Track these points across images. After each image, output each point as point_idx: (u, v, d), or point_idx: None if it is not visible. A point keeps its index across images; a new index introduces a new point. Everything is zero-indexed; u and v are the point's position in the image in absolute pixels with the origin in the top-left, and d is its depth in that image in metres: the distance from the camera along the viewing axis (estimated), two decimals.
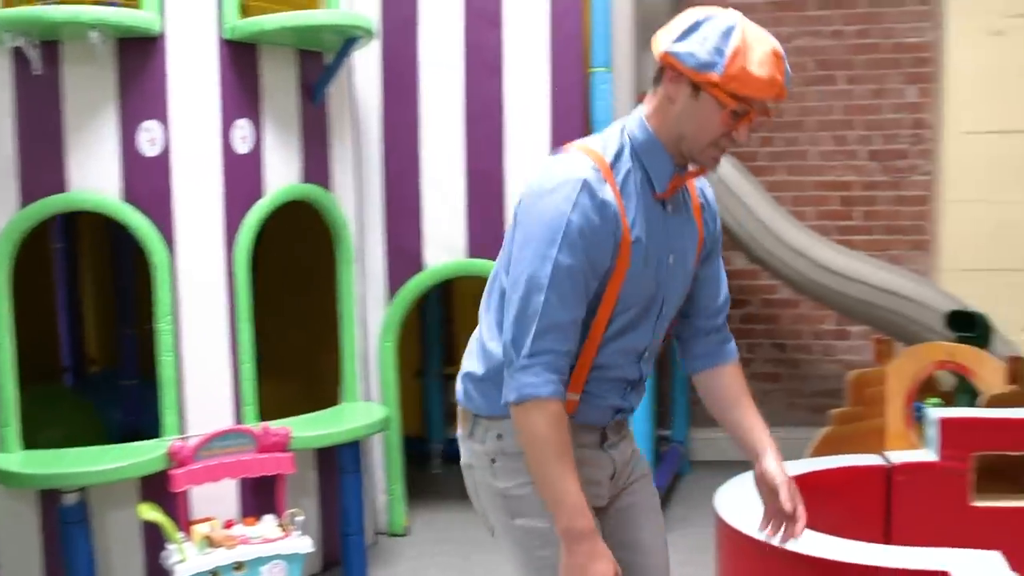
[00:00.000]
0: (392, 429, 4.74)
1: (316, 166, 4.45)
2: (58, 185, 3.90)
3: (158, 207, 3.98)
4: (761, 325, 5.99)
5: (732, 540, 3.32)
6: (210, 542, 3.92)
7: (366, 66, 4.74)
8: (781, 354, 5.99)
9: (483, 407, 2.21)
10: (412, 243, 4.74)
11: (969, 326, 4.49)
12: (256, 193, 4.22)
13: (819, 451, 4.42)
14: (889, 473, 3.80)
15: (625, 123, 2.17)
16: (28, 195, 3.89)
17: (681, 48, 2.03)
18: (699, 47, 2.01)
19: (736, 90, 2.01)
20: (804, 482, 3.27)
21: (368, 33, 4.27)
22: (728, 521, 3.33)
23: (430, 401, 5.92)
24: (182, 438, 4.00)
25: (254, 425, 4.12)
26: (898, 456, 3.87)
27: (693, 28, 2.04)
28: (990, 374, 4.29)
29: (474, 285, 5.24)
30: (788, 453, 5.82)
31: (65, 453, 4.01)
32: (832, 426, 4.47)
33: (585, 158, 2.07)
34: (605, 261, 2.05)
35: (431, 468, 5.76)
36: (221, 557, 3.87)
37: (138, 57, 3.96)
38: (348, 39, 4.28)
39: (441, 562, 4.52)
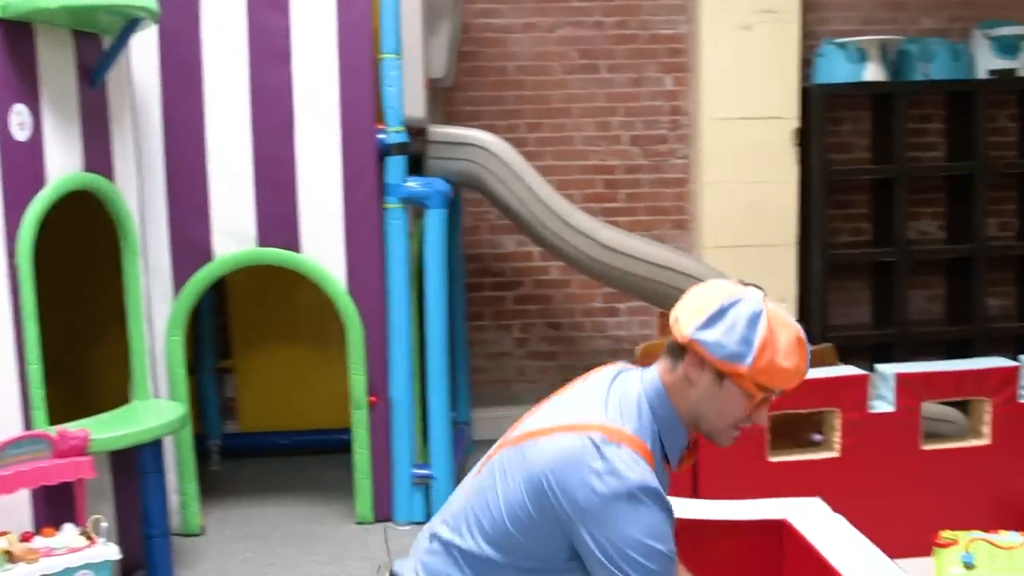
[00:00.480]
0: (185, 427, 4.55)
1: (97, 154, 4.18)
2: None
3: None
4: (535, 305, 6.13)
5: None
6: (10, 557, 3.63)
7: (144, 50, 4.49)
8: (556, 332, 6.15)
9: None
10: (200, 233, 4.54)
11: None
12: (38, 183, 3.92)
13: None
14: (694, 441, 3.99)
15: (643, 395, 2.13)
16: None
17: (708, 337, 2.02)
18: (726, 337, 2.01)
19: (765, 382, 2.03)
20: None
21: (151, 15, 4.05)
22: None
23: (205, 397, 5.69)
24: None
25: (49, 429, 3.84)
26: None
27: (719, 315, 2.02)
28: None
29: (246, 275, 5.11)
30: None
31: None
32: None
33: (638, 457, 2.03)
34: None
35: (210, 465, 5.55)
36: (24, 572, 3.60)
37: None
38: (129, 21, 4.06)
39: (248, 558, 4.37)
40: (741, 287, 2.10)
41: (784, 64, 5.81)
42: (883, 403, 4.09)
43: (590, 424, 2.06)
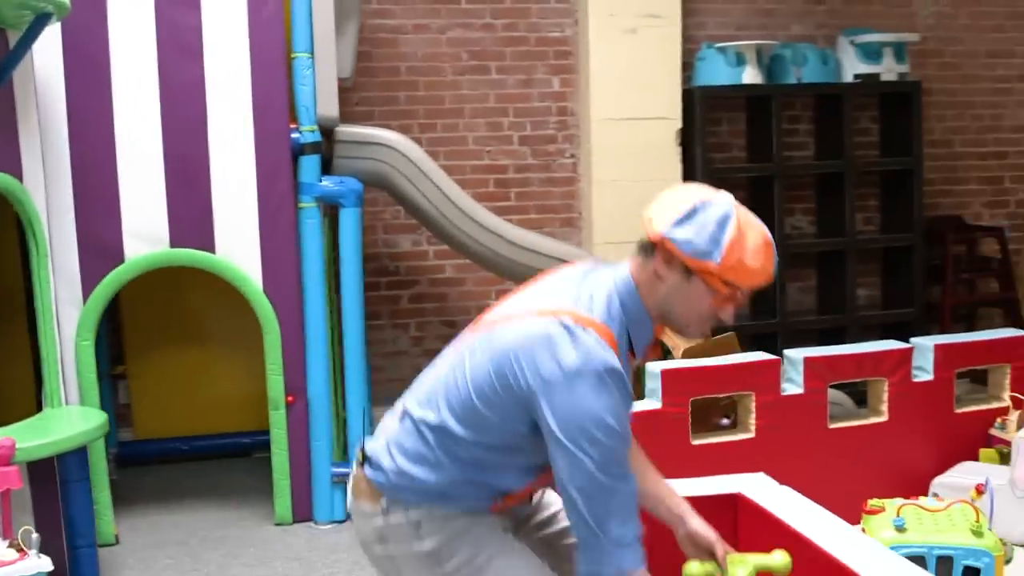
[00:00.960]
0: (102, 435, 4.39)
1: (5, 153, 4.01)
2: None
3: None
4: (431, 304, 6.13)
5: None
6: None
7: (47, 45, 4.30)
8: (451, 330, 6.15)
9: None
10: (110, 234, 4.39)
11: None
12: None
13: None
14: None
15: (613, 289, 2.19)
16: None
17: (679, 235, 2.10)
18: (697, 236, 2.09)
19: (731, 279, 2.11)
20: None
21: (61, 9, 3.92)
22: None
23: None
24: None
25: None
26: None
27: (691, 214, 2.11)
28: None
29: (144, 278, 4.96)
30: None
31: None
32: None
33: (604, 343, 2.10)
34: None
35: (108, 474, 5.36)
36: None
37: None
38: (38, 15, 3.91)
39: (170, 565, 4.25)
40: (713, 191, 2.20)
41: (667, 67, 5.97)
42: (792, 386, 4.29)
43: (560, 309, 2.14)
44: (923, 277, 6.37)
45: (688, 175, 6.04)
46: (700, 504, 3.18)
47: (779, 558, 2.42)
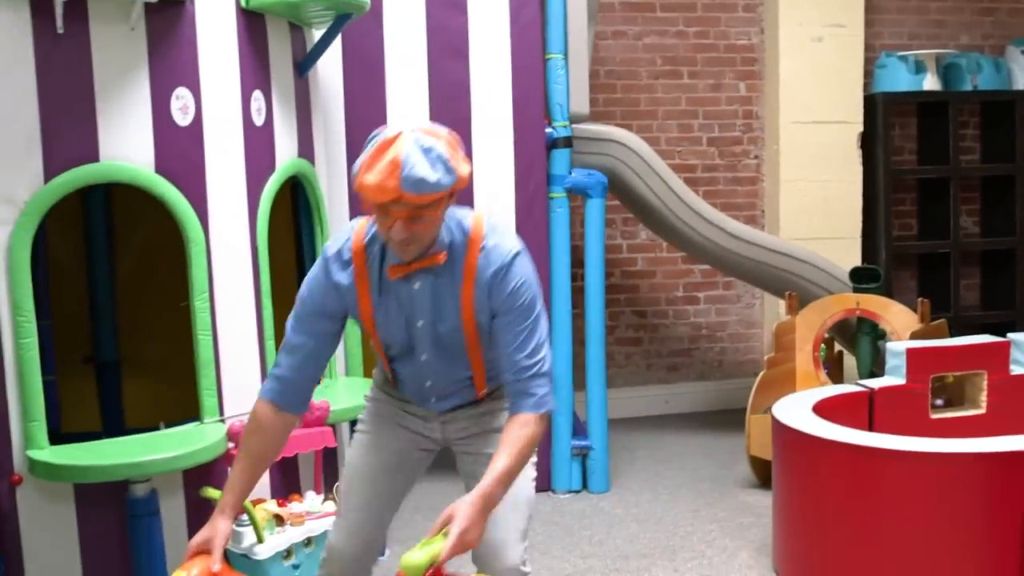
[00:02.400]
0: None
1: (305, 141, 4.25)
2: (87, 155, 3.48)
3: (191, 180, 3.65)
4: (623, 295, 6.34)
5: (785, 436, 3.80)
6: (279, 520, 3.68)
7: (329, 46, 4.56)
8: (641, 320, 6.37)
9: None
10: None
11: (869, 278, 5.08)
12: (270, 167, 3.97)
13: (759, 391, 4.85)
14: (872, 397, 4.28)
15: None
16: (53, 167, 3.45)
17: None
18: (357, 160, 2.28)
19: (363, 197, 2.27)
20: (818, 408, 3.87)
21: (360, 9, 4.15)
22: (782, 421, 3.80)
23: None
24: (224, 419, 3.72)
25: None
26: (875, 383, 4.34)
27: (367, 143, 2.29)
28: (894, 317, 4.90)
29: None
30: (648, 409, 6.27)
31: (95, 445, 3.61)
32: (766, 370, 4.92)
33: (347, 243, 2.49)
34: (336, 309, 2.50)
35: None
36: (293, 534, 3.65)
37: (165, 21, 3.58)
38: (340, 14, 4.15)
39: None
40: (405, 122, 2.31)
41: (850, 73, 6.16)
42: (1019, 367, 4.44)
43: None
44: None
45: (868, 176, 6.22)
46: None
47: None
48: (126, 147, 3.51)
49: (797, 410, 3.91)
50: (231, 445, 3.64)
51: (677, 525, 4.46)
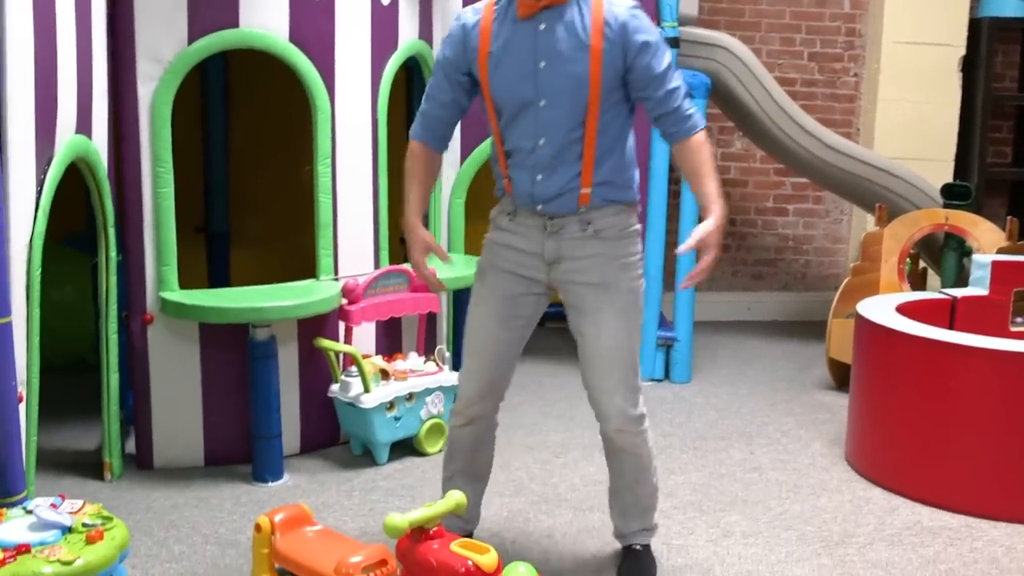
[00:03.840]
0: None
1: (425, 24, 4.39)
2: (228, 21, 3.67)
3: (321, 51, 3.82)
4: None
5: (868, 333, 3.90)
6: (384, 375, 3.91)
7: None
8: (730, 228, 6.44)
9: None
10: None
11: (960, 196, 5.12)
12: (393, 45, 4.13)
13: (842, 297, 4.95)
14: (954, 304, 4.36)
15: None
16: (196, 30, 3.64)
17: None
18: None
19: None
20: (901, 310, 3.97)
21: None
22: (867, 317, 3.91)
23: None
24: (338, 278, 3.94)
25: (405, 266, 4.10)
26: (959, 291, 4.43)
27: None
28: (982, 234, 4.94)
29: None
30: (731, 314, 6.38)
31: (221, 292, 3.85)
32: (850, 277, 5.01)
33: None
34: (463, 61, 2.72)
35: None
36: (395, 389, 3.88)
37: None
38: None
39: (522, 402, 4.68)
40: None
41: None
42: None
43: None
44: None
45: (966, 100, 6.18)
46: None
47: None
48: (264, 16, 3.70)
49: (881, 309, 4.01)
50: (345, 301, 3.86)
51: (754, 415, 4.61)
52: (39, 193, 2.91)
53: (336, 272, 3.95)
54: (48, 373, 3.78)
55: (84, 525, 2.39)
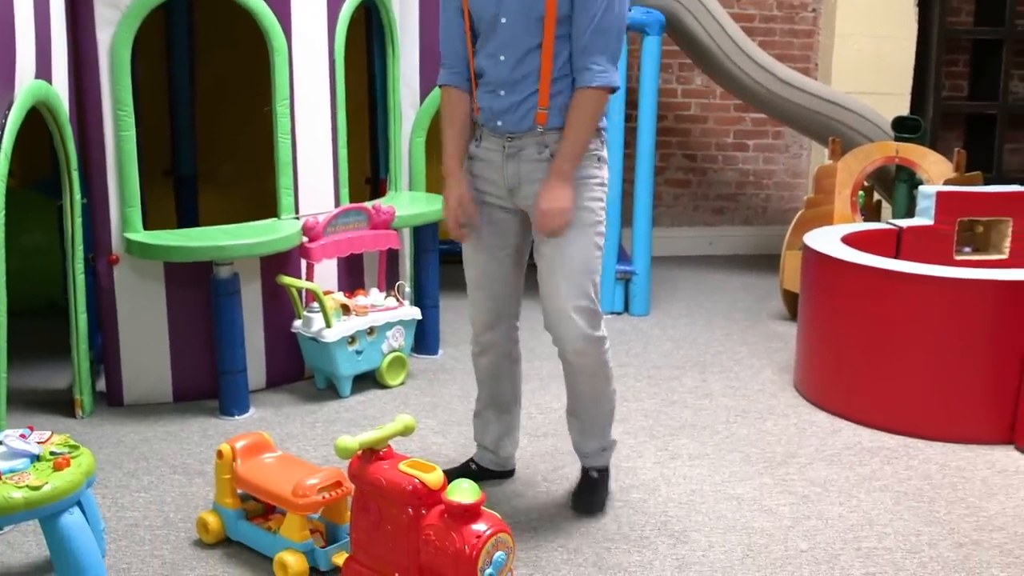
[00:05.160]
0: None
1: None
2: None
3: None
4: (675, 138, 6.52)
5: (813, 262, 4.05)
6: (345, 310, 4.03)
7: None
8: (691, 163, 6.57)
9: None
10: None
11: (910, 128, 5.24)
12: None
13: (795, 230, 5.07)
14: (900, 234, 4.50)
15: None
16: None
17: None
18: None
19: None
20: (847, 240, 4.09)
21: None
22: (812, 247, 4.05)
23: None
24: (299, 216, 4.04)
25: (365, 204, 4.20)
26: (904, 222, 4.56)
27: None
28: (931, 166, 5.07)
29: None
30: (693, 249, 6.50)
31: (184, 232, 3.95)
32: (803, 209, 5.14)
33: None
34: None
35: None
36: (358, 323, 4.00)
37: None
38: None
39: None
40: None
41: None
42: None
43: None
44: None
45: (922, 35, 6.28)
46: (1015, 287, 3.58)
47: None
48: None
49: (827, 239, 4.14)
50: (305, 239, 3.96)
51: (709, 345, 4.76)
52: (0, 137, 2.98)
53: (297, 211, 4.05)
54: (21, 316, 3.90)
55: (52, 453, 2.51)
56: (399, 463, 2.46)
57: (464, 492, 2.34)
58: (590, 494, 3.10)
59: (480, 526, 2.33)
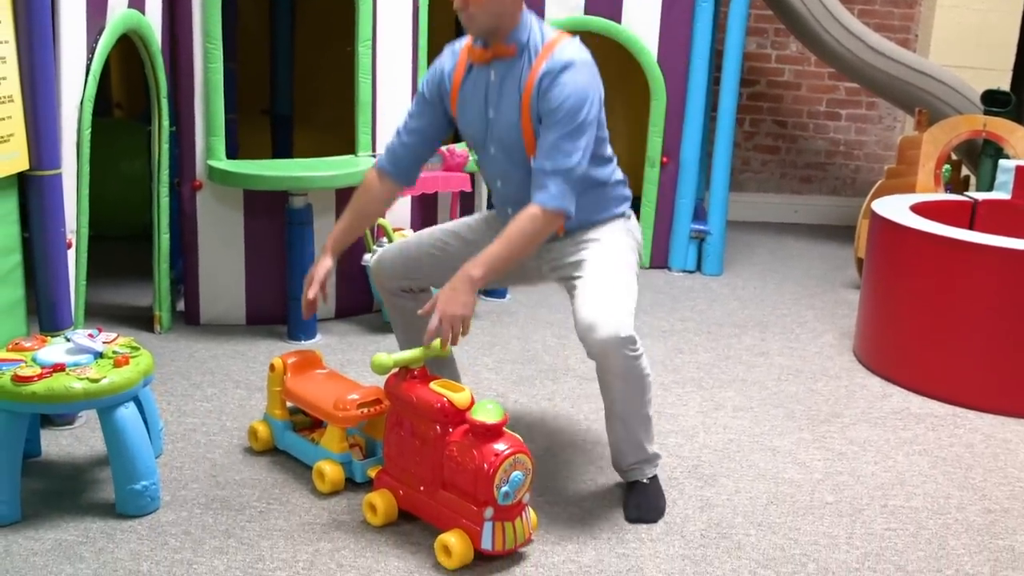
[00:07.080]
0: None
1: None
2: None
3: None
4: (766, 103, 6.49)
5: (880, 228, 4.04)
6: None
7: None
8: (781, 130, 6.53)
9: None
10: None
11: (1001, 103, 5.14)
12: None
13: (874, 199, 5.03)
14: (974, 207, 4.44)
15: None
16: None
17: None
18: None
19: None
20: (917, 209, 4.02)
21: None
22: (879, 213, 4.04)
23: None
24: (375, 154, 4.17)
25: (443, 147, 4.32)
26: (980, 195, 4.50)
27: None
28: (1019, 141, 4.97)
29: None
30: (778, 216, 6.48)
31: (265, 162, 4.12)
32: (884, 179, 5.09)
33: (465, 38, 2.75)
34: (437, 99, 2.78)
35: None
36: None
37: None
38: None
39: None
40: None
41: None
42: None
43: None
44: None
45: None
46: None
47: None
48: None
49: (895, 207, 4.12)
50: None
51: (775, 308, 4.78)
52: (90, 60, 3.18)
53: (374, 149, 4.19)
54: (119, 240, 4.09)
55: (114, 352, 2.70)
56: (430, 382, 2.58)
57: (488, 412, 2.45)
58: (645, 501, 2.79)
59: (500, 445, 2.44)
